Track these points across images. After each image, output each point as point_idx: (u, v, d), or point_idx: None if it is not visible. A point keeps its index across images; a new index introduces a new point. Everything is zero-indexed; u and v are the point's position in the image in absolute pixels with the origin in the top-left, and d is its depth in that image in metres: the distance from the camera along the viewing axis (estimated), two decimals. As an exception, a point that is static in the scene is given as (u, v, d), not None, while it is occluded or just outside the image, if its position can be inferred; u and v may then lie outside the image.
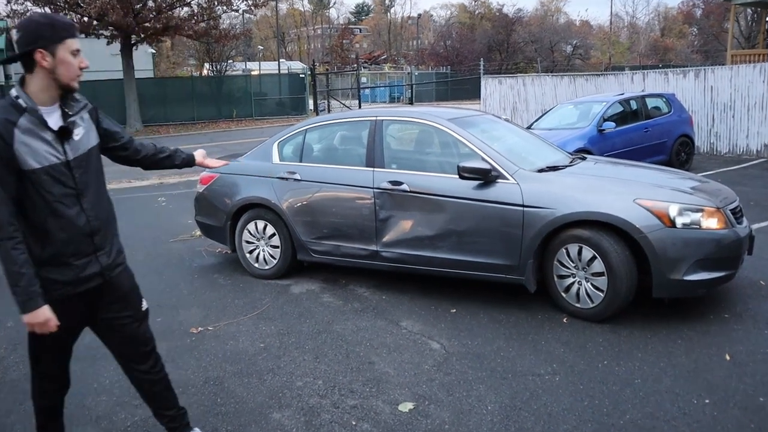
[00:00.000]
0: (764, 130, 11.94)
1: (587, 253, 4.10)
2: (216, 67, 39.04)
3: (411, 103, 31.29)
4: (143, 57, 32.84)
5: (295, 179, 5.21)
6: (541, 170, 4.56)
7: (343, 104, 16.44)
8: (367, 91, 43.11)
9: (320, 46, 67.29)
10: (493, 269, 4.44)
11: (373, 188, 4.80)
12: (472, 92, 33.07)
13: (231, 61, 43.40)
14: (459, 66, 46.47)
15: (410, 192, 4.64)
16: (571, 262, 4.21)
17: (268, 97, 29.96)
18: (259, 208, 5.42)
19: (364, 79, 44.38)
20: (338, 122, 5.45)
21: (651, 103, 10.80)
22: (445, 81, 43.01)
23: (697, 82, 12.72)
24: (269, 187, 5.32)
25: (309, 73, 26.22)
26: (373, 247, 4.88)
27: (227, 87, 29.71)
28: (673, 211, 3.98)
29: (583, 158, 5.22)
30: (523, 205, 4.26)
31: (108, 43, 23.30)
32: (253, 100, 29.18)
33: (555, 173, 4.54)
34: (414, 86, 34.03)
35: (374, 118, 5.05)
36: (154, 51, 36.45)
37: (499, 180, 4.38)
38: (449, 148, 4.81)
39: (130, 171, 14.46)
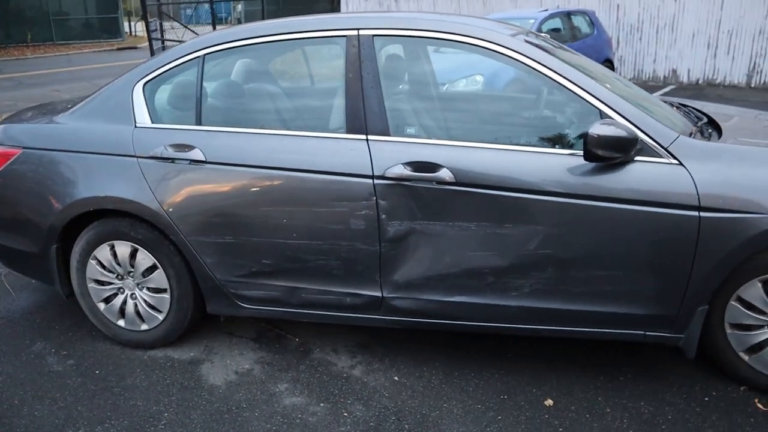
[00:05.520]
0: (673, 54, 10.95)
1: (826, 294, 2.15)
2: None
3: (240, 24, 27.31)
4: None
5: (194, 160, 2.60)
6: (695, 134, 2.46)
7: (188, 27, 12.83)
8: (190, 10, 37.66)
9: (127, -41, 58.21)
10: (626, 323, 2.35)
11: (372, 177, 2.39)
12: (309, 11, 29.66)
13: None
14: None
15: (457, 184, 2.32)
16: (773, 307, 2.25)
17: (70, 16, 24.79)
18: (117, 219, 2.74)
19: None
20: (273, 41, 2.68)
21: (575, 21, 9.17)
22: None
23: (603, -1, 11.34)
24: (134, 177, 2.63)
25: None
26: (375, 292, 2.52)
27: (15, 4, 23.81)
28: None
29: (686, 106, 3.16)
30: (698, 207, 2.17)
31: None
32: (52, 21, 23.86)
33: (728, 142, 2.42)
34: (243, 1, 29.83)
35: (355, 32, 2.52)
36: None
37: (640, 157, 2.23)
38: (527, 93, 2.51)
39: None
